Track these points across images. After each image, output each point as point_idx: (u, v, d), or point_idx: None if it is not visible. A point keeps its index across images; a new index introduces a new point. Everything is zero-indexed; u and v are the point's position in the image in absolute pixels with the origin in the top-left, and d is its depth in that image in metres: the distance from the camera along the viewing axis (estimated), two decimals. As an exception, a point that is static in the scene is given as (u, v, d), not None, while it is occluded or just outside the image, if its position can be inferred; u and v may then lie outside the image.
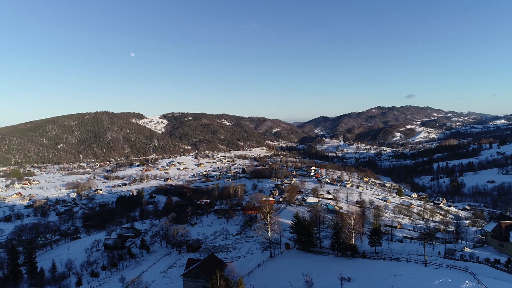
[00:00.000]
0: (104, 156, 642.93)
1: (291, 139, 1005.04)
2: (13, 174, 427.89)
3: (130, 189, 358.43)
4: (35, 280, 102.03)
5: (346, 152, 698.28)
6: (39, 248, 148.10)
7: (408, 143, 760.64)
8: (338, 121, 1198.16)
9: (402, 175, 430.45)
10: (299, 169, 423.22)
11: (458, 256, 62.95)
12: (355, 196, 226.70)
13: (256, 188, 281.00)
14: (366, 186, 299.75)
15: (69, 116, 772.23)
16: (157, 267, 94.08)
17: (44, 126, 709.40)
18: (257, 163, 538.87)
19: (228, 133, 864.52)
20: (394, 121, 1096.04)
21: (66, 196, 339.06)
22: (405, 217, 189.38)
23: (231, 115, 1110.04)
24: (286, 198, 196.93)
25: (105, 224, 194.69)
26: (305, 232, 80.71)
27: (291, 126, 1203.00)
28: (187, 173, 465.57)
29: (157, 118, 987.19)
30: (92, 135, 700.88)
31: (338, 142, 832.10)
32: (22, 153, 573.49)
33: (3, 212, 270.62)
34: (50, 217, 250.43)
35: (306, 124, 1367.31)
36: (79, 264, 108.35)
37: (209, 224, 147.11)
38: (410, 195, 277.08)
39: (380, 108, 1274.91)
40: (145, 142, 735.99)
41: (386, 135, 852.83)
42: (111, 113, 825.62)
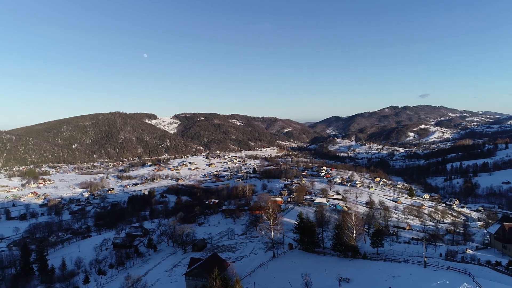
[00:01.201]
0: (117, 156, 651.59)
1: (303, 139, 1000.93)
2: (29, 174, 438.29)
3: (142, 189, 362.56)
4: (46, 277, 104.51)
5: (358, 152, 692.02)
6: (51, 246, 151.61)
7: (421, 143, 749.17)
8: (351, 121, 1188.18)
9: (415, 175, 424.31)
10: (310, 169, 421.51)
11: (460, 258, 62.21)
12: (364, 196, 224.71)
13: (266, 188, 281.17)
14: (377, 186, 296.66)
15: (83, 117, 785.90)
16: (162, 266, 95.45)
17: (59, 126, 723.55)
18: (267, 163, 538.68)
19: (239, 133, 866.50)
20: (407, 121, 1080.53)
21: (80, 195, 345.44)
22: (415, 218, 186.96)
23: (242, 115, 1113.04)
24: (295, 199, 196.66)
25: (116, 223, 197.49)
26: (308, 232, 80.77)
27: (303, 126, 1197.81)
28: (198, 173, 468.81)
29: (169, 118, 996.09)
30: (106, 135, 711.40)
31: (350, 142, 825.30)
32: (38, 153, 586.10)
33: (18, 210, 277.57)
34: (63, 216, 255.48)
35: (318, 124, 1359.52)
36: (88, 262, 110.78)
37: (216, 224, 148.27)
38: (421, 196, 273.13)
39: (393, 107, 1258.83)
40: (157, 142, 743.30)
41: (399, 135, 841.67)
42: (124, 113, 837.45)
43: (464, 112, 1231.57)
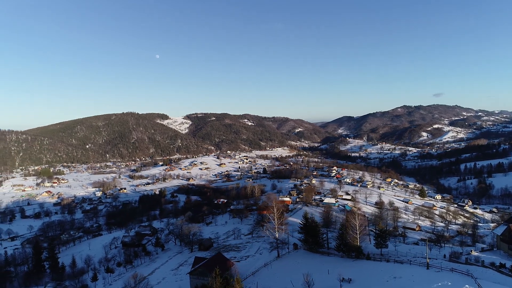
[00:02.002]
0: (129, 156, 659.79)
1: (314, 139, 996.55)
2: (44, 173, 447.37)
3: (153, 188, 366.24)
4: (57, 275, 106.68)
5: (369, 152, 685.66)
6: (63, 244, 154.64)
7: (435, 143, 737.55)
8: (362, 121, 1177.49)
9: (427, 176, 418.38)
10: (320, 169, 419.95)
11: (463, 259, 61.42)
12: (374, 197, 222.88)
13: (275, 188, 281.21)
14: (388, 187, 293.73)
15: (96, 117, 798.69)
16: (169, 265, 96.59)
17: (73, 126, 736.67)
18: (278, 163, 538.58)
19: (250, 133, 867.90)
20: (420, 120, 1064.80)
21: (92, 194, 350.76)
22: (426, 219, 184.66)
23: (253, 115, 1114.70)
24: (303, 199, 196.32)
25: (127, 222, 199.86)
26: (312, 232, 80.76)
27: (314, 126, 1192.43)
28: (209, 173, 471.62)
29: (181, 118, 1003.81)
30: (119, 136, 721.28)
31: (361, 142, 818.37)
32: (53, 153, 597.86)
33: (33, 209, 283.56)
34: (76, 215, 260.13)
35: (330, 124, 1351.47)
36: (98, 260, 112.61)
37: (224, 223, 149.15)
38: (433, 197, 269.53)
39: (406, 107, 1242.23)
40: (169, 142, 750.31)
41: (412, 135, 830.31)
42: (137, 113, 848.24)
43: (479, 112, 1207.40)
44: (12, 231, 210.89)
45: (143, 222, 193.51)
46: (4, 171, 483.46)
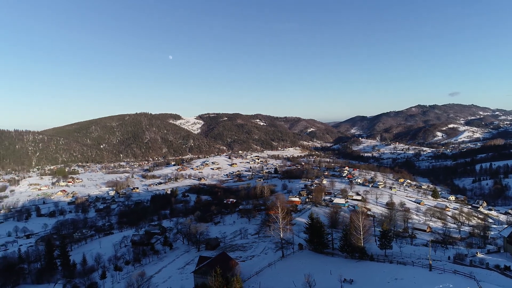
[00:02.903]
0: (142, 156, 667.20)
1: (326, 139, 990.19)
2: (59, 173, 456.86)
3: (165, 188, 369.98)
4: (68, 272, 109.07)
5: (382, 152, 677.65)
6: (75, 242, 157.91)
7: (450, 143, 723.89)
8: (376, 121, 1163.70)
9: (441, 176, 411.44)
10: (332, 169, 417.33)
11: (468, 261, 60.45)
12: (385, 197, 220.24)
13: (286, 188, 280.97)
14: (400, 187, 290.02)
15: (110, 118, 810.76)
16: (176, 264, 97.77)
17: (88, 127, 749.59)
18: (290, 163, 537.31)
19: (262, 133, 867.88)
20: (435, 120, 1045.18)
21: (106, 193, 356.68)
22: (438, 220, 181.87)
23: (265, 115, 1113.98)
24: (313, 199, 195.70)
25: (138, 221, 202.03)
26: (317, 233, 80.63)
27: (327, 126, 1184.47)
28: (220, 173, 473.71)
29: (193, 118, 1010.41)
30: (132, 136, 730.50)
31: (374, 142, 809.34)
32: (68, 153, 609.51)
33: (48, 208, 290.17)
34: (89, 214, 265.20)
35: (342, 123, 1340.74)
36: (107, 258, 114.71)
37: (232, 223, 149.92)
38: (447, 198, 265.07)
39: (420, 106, 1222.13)
40: (181, 142, 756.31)
41: (426, 134, 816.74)
42: (150, 114, 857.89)
43: (496, 111, 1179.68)
44: (27, 229, 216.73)
45: (153, 221, 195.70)
46: (21, 171, 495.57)
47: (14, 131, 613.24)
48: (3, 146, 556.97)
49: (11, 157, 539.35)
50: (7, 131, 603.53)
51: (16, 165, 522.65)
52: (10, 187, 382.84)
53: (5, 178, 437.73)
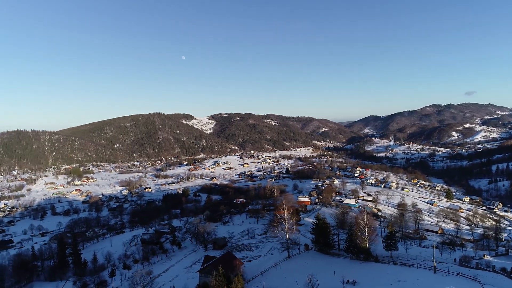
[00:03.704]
0: (155, 156, 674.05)
1: (339, 139, 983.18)
2: (74, 172, 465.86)
3: (177, 188, 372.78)
4: (79, 270, 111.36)
5: (396, 152, 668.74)
6: (87, 240, 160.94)
7: (465, 143, 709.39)
8: (389, 120, 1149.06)
9: (456, 177, 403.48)
10: (344, 169, 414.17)
11: (474, 264, 59.39)
12: (397, 198, 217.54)
13: (297, 188, 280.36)
14: (413, 188, 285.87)
15: (124, 118, 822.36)
16: (183, 263, 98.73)
17: (102, 127, 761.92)
18: (301, 163, 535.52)
19: (274, 133, 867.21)
20: (451, 119, 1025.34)
21: (119, 193, 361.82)
22: (451, 221, 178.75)
23: (277, 115, 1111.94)
24: (323, 199, 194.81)
25: (150, 221, 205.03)
26: (323, 233, 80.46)
27: (339, 126, 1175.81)
28: (232, 173, 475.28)
29: (206, 118, 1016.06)
30: (145, 136, 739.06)
31: (388, 142, 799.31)
32: (83, 153, 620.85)
33: (63, 206, 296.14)
34: (103, 212, 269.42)
35: (355, 123, 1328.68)
36: (117, 257, 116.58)
37: (240, 223, 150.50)
38: (461, 199, 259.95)
39: (435, 106, 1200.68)
40: (194, 142, 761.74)
41: (441, 134, 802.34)
42: (163, 114, 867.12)
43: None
44: (42, 227, 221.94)
45: (164, 221, 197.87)
46: (38, 170, 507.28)
47: (31, 131, 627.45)
48: (20, 146, 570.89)
49: (28, 157, 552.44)
50: (24, 131, 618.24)
51: (33, 164, 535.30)
52: (27, 186, 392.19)
53: (22, 177, 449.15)
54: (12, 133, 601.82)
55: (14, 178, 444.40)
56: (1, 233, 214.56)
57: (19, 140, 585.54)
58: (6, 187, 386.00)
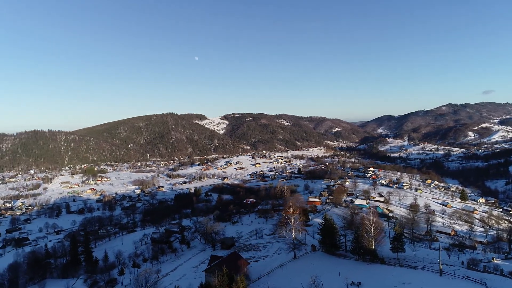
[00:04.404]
0: (168, 155, 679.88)
1: (352, 139, 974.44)
2: (88, 171, 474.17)
3: (189, 187, 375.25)
4: (91, 268, 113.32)
5: (410, 152, 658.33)
6: (100, 239, 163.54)
7: (482, 143, 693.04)
8: (404, 120, 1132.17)
9: (472, 178, 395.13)
10: (356, 170, 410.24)
11: (482, 267, 58.12)
12: (409, 199, 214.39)
13: (308, 188, 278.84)
14: (427, 189, 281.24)
15: (138, 118, 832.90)
16: (191, 262, 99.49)
17: (116, 127, 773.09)
18: (313, 163, 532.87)
19: (286, 133, 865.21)
20: (467, 119, 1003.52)
21: (132, 192, 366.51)
22: (465, 223, 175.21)
23: (290, 115, 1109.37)
24: (333, 200, 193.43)
25: (161, 220, 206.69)
26: (330, 234, 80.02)
27: (352, 126, 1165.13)
28: (244, 173, 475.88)
29: (218, 119, 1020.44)
30: (158, 136, 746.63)
31: (402, 142, 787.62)
32: (98, 152, 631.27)
33: (77, 205, 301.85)
34: (116, 211, 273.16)
35: (369, 123, 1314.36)
36: (127, 255, 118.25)
37: (249, 223, 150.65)
38: (476, 200, 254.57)
39: (451, 105, 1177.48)
40: (206, 142, 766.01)
41: (457, 134, 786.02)
42: (176, 114, 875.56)
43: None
44: (57, 225, 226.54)
45: (175, 220, 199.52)
46: (54, 169, 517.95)
47: (48, 131, 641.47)
48: (38, 146, 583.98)
49: (45, 156, 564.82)
50: (41, 131, 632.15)
51: (50, 163, 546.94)
52: (44, 185, 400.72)
53: (39, 176, 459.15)
54: (29, 133, 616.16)
55: (31, 177, 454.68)
56: (18, 231, 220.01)
57: (36, 140, 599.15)
58: (23, 186, 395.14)
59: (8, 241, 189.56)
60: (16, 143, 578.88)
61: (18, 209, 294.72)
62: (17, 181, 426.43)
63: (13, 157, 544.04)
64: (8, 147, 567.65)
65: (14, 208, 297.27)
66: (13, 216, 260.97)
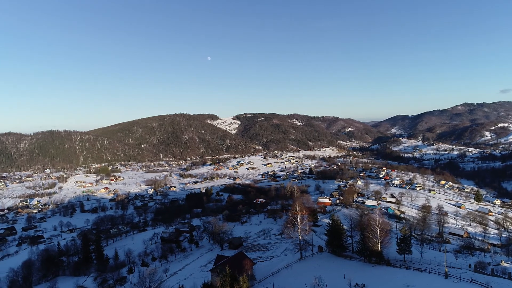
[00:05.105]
0: (181, 155, 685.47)
1: (365, 139, 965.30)
2: (102, 171, 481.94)
3: (200, 187, 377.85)
4: (102, 266, 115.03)
5: (424, 153, 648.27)
6: (111, 237, 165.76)
7: (499, 144, 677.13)
8: (418, 120, 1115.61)
9: (488, 179, 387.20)
10: (369, 170, 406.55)
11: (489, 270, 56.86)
12: (422, 200, 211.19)
13: (319, 189, 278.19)
14: (440, 190, 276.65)
15: (151, 118, 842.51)
16: (199, 261, 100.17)
17: (130, 127, 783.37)
18: (325, 163, 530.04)
19: (298, 133, 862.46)
20: (483, 119, 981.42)
21: (145, 191, 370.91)
22: (478, 225, 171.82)
23: (302, 115, 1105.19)
24: (344, 200, 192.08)
25: (172, 219, 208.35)
26: (336, 235, 79.61)
27: (365, 126, 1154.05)
28: (255, 173, 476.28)
29: (230, 119, 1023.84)
30: (171, 136, 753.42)
31: (416, 142, 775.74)
32: (112, 152, 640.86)
33: (91, 204, 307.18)
34: (128, 210, 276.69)
35: (382, 123, 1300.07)
36: (137, 254, 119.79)
37: (258, 223, 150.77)
38: (492, 202, 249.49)
39: (467, 104, 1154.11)
40: (218, 142, 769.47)
41: (473, 134, 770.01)
42: (188, 114, 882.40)
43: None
44: (71, 224, 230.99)
45: (186, 219, 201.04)
46: (69, 169, 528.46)
47: (64, 131, 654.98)
48: (54, 146, 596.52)
49: (60, 156, 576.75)
50: (57, 131, 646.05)
51: (65, 163, 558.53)
52: (59, 184, 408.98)
53: (55, 175, 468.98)
54: (46, 133, 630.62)
55: (47, 176, 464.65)
56: (33, 229, 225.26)
57: (52, 140, 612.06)
58: (39, 185, 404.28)
59: (24, 239, 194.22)
60: (33, 143, 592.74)
61: (34, 207, 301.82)
62: (33, 180, 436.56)
63: (30, 157, 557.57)
64: (25, 147, 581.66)
65: (30, 207, 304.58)
66: (29, 215, 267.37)
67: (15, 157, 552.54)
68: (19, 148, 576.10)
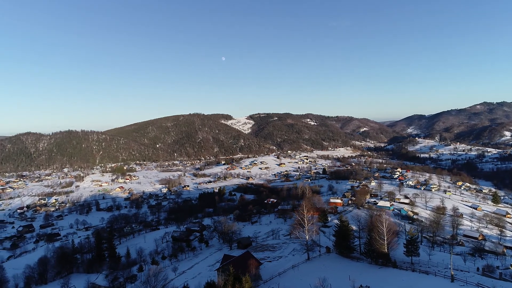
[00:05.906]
0: (195, 155, 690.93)
1: (380, 139, 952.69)
2: (118, 170, 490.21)
3: (214, 187, 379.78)
4: (114, 264, 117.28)
5: (441, 153, 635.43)
6: (124, 236, 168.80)
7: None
8: (435, 119, 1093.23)
9: (507, 180, 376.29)
10: (383, 170, 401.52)
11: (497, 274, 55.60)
12: (436, 201, 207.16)
13: (332, 189, 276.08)
14: (456, 191, 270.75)
15: (166, 118, 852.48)
16: (208, 261, 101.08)
17: (145, 127, 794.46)
18: (339, 163, 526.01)
19: (312, 133, 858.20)
20: (503, 118, 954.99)
21: (159, 191, 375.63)
22: (495, 227, 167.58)
23: (316, 115, 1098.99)
24: (356, 201, 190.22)
25: (185, 218, 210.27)
26: (344, 236, 79.25)
27: (381, 125, 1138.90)
28: (268, 172, 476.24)
29: (244, 119, 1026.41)
30: (185, 135, 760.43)
31: (432, 142, 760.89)
32: (127, 152, 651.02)
33: (106, 203, 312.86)
34: (142, 209, 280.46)
35: (398, 122, 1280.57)
36: (148, 252, 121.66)
37: (268, 223, 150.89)
38: (511, 204, 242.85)
39: (486, 104, 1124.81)
40: (232, 142, 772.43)
41: (492, 134, 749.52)
42: (202, 114, 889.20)
43: None
44: (86, 222, 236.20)
45: (198, 219, 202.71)
46: (86, 168, 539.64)
47: (81, 131, 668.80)
48: (71, 145, 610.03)
49: (78, 155, 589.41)
50: (75, 131, 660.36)
51: (82, 162, 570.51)
52: (76, 183, 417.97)
53: (72, 174, 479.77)
54: (64, 133, 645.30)
55: (65, 175, 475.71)
56: (50, 227, 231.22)
57: (70, 139, 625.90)
58: (57, 184, 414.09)
59: (41, 236, 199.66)
60: (51, 143, 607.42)
61: (52, 205, 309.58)
62: (51, 179, 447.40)
63: (49, 156, 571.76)
64: (44, 146, 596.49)
65: (48, 205, 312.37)
66: (47, 213, 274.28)
67: (34, 156, 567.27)
68: (38, 147, 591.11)
